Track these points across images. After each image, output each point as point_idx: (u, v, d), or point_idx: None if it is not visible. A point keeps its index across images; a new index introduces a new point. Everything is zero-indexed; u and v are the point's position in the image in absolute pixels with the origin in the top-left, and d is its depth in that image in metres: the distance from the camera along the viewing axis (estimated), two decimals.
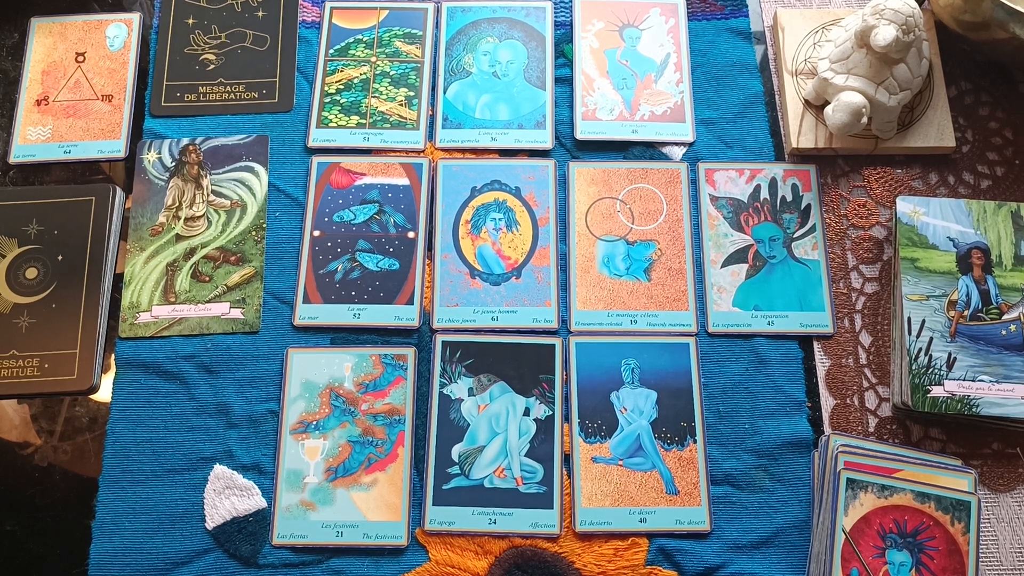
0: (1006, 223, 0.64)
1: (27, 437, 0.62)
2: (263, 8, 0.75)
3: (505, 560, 0.58)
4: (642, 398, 0.62)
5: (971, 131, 0.70)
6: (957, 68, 0.72)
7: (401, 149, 0.70)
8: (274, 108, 0.71)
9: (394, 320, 0.64)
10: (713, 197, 0.68)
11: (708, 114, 0.71)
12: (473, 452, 0.61)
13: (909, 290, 0.62)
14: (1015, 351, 0.60)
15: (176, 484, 0.60)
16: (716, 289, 0.65)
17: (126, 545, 0.59)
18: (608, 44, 0.74)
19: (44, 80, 0.72)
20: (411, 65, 0.73)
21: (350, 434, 0.61)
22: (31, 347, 0.63)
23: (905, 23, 0.62)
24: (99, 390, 0.63)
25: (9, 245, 0.67)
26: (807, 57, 0.71)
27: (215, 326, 0.64)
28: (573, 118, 0.71)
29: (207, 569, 0.58)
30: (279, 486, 0.60)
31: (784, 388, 0.63)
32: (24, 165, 0.70)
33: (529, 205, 0.68)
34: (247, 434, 0.62)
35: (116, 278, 0.66)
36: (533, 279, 0.66)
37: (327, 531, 0.59)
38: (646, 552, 0.59)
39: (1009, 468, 0.61)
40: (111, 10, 0.76)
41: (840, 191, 0.68)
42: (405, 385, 0.63)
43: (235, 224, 0.68)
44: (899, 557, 0.56)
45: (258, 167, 0.69)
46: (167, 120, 0.71)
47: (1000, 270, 0.63)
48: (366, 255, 0.67)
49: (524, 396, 0.62)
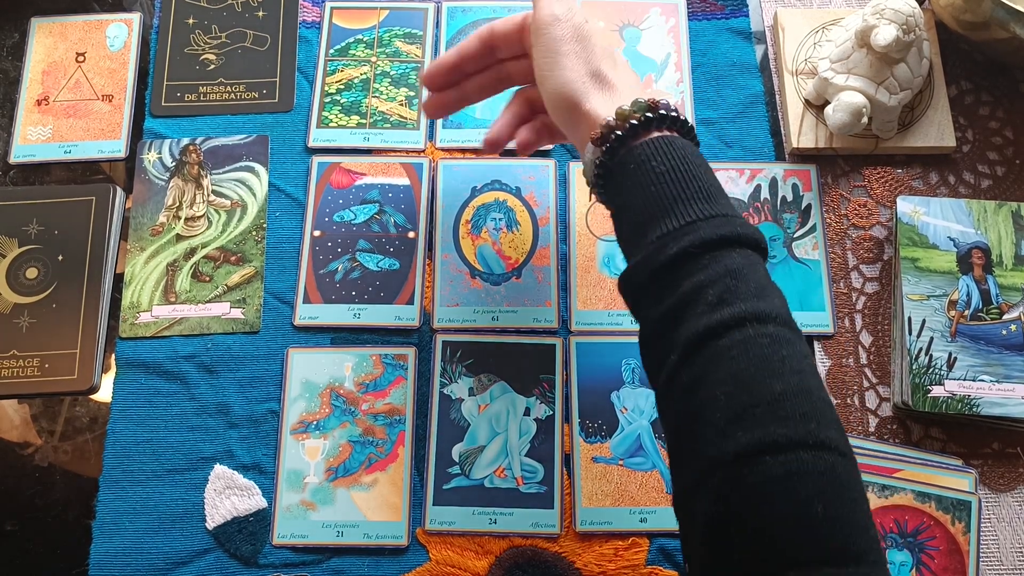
0: (1006, 223, 0.64)
1: (27, 437, 0.62)
2: (263, 8, 0.75)
3: (505, 560, 0.58)
4: (643, 398, 0.62)
5: (971, 131, 0.70)
6: (957, 68, 0.72)
7: (401, 149, 0.70)
8: (274, 108, 0.71)
9: (394, 320, 0.64)
10: None
11: (708, 114, 0.71)
12: (473, 452, 0.61)
13: (909, 290, 0.62)
14: (1015, 351, 0.60)
15: (176, 484, 0.60)
16: None
17: (126, 545, 0.59)
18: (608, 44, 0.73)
19: (44, 80, 0.72)
20: (411, 65, 0.73)
21: (350, 434, 0.61)
22: (31, 347, 0.63)
23: (905, 23, 0.62)
24: (99, 390, 0.63)
25: (9, 245, 0.67)
26: (807, 57, 0.71)
27: (215, 326, 0.64)
28: None
29: (207, 569, 0.58)
30: (279, 486, 0.60)
31: None
32: (24, 165, 0.70)
33: (529, 205, 0.68)
34: (247, 434, 0.62)
35: (116, 278, 0.66)
36: (533, 279, 0.66)
37: (327, 531, 0.59)
38: (646, 552, 0.59)
39: (1009, 468, 0.61)
40: (111, 10, 0.76)
41: (840, 191, 0.68)
42: (405, 385, 0.63)
43: (235, 224, 0.68)
44: (899, 557, 0.56)
45: (258, 167, 0.69)
46: (167, 120, 0.71)
47: (1000, 270, 0.63)
48: (366, 255, 0.67)
49: (524, 396, 0.62)
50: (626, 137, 0.45)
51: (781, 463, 0.36)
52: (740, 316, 0.40)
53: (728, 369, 0.39)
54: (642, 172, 0.44)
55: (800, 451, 0.36)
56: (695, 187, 0.43)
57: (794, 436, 0.37)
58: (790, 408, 0.37)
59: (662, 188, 0.44)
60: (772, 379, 0.38)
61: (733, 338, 0.39)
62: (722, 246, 0.42)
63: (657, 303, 0.43)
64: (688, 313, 0.41)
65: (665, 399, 0.43)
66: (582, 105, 0.48)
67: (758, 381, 0.38)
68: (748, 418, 0.37)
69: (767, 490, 0.36)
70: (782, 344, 0.40)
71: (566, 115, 0.50)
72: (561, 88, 0.49)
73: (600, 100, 0.48)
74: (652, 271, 0.43)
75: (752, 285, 0.41)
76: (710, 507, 0.37)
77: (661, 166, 0.44)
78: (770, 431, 0.37)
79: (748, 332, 0.39)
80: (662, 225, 0.43)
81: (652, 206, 0.44)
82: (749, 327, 0.39)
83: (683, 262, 0.42)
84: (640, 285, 0.44)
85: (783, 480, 0.36)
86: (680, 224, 0.42)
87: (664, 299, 0.42)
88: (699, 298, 0.41)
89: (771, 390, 0.38)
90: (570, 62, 0.49)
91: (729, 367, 0.39)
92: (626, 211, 0.46)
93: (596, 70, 0.49)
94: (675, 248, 0.42)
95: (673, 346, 0.41)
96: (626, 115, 0.46)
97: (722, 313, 0.40)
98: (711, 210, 0.43)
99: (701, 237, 0.42)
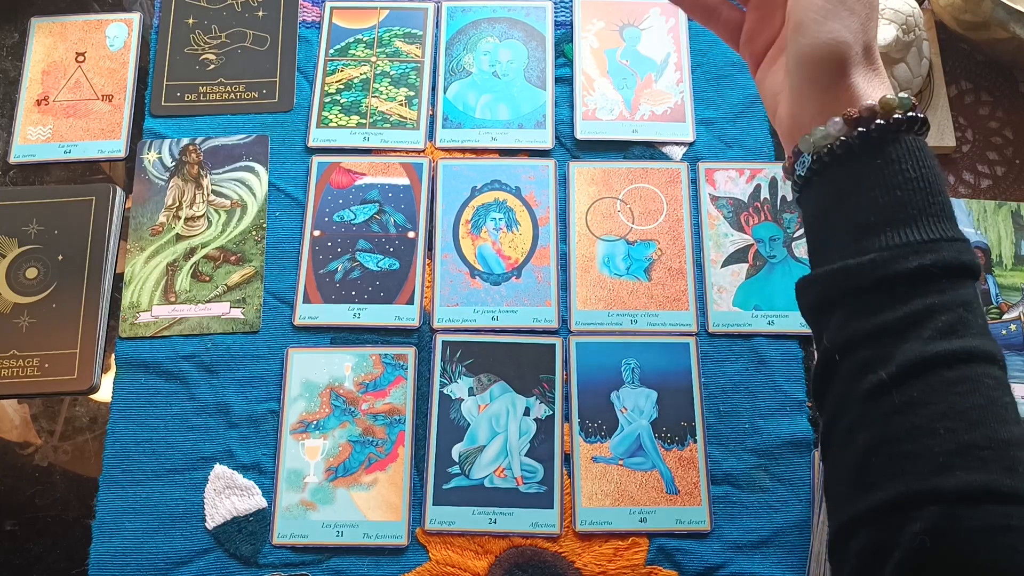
0: (1006, 223, 0.64)
1: (27, 437, 0.62)
2: (263, 8, 0.75)
3: (505, 560, 0.58)
4: (642, 398, 0.62)
5: (971, 131, 0.70)
6: (957, 68, 0.72)
7: (401, 149, 0.70)
8: (274, 108, 0.71)
9: (394, 320, 0.64)
10: (713, 197, 0.68)
11: (708, 114, 0.71)
12: (473, 452, 0.61)
13: None
14: (1015, 351, 0.60)
15: (176, 484, 0.60)
16: (716, 289, 0.65)
17: (126, 545, 0.59)
18: (608, 44, 0.74)
19: (44, 80, 0.72)
20: (411, 65, 0.73)
21: (350, 434, 0.61)
22: (31, 347, 0.63)
23: (905, 23, 0.62)
24: (99, 390, 0.63)
25: (9, 245, 0.67)
26: None
27: (215, 326, 0.64)
28: (573, 118, 0.71)
29: (207, 569, 0.58)
30: (279, 486, 0.60)
31: (784, 388, 0.63)
32: (24, 165, 0.70)
33: (529, 205, 0.68)
34: (247, 434, 0.62)
35: (116, 278, 0.66)
36: (533, 279, 0.66)
37: (327, 531, 0.59)
38: (646, 552, 0.59)
39: None
40: (111, 10, 0.76)
41: None
42: (405, 385, 0.63)
43: (235, 224, 0.68)
44: None
45: (258, 167, 0.69)
46: (167, 120, 0.71)
47: (1000, 270, 0.63)
48: (366, 255, 0.67)
49: (524, 396, 0.62)
50: (886, 129, 0.42)
51: (1003, 515, 0.35)
52: (971, 351, 0.38)
53: (952, 403, 0.37)
54: (890, 172, 0.41)
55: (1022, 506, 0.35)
56: (940, 202, 0.41)
57: (1019, 489, 0.35)
58: (1018, 458, 0.36)
59: (909, 195, 0.41)
60: (998, 424, 0.37)
61: (961, 372, 0.38)
62: (962, 274, 0.40)
63: (875, 312, 0.40)
64: (913, 333, 0.39)
65: (858, 413, 0.40)
66: (848, 74, 0.42)
67: (984, 423, 0.37)
68: (973, 459, 0.36)
69: (986, 539, 0.35)
70: (1006, 390, 0.38)
71: (821, 74, 0.43)
72: (833, 43, 0.42)
73: (866, 78, 0.43)
74: (881, 278, 0.40)
75: (981, 321, 0.40)
76: (912, 539, 0.36)
77: (913, 171, 0.41)
78: (994, 478, 0.35)
79: (977, 370, 0.38)
80: (903, 233, 0.40)
81: (894, 210, 0.41)
82: (978, 365, 0.38)
83: (921, 279, 0.40)
84: (857, 288, 0.41)
85: (1003, 533, 0.35)
86: (925, 239, 0.40)
87: (885, 310, 0.40)
88: (929, 321, 0.39)
89: (998, 435, 0.36)
90: (852, 20, 0.42)
91: (953, 401, 0.37)
92: (849, 204, 0.42)
93: (869, 44, 0.43)
94: (916, 262, 0.39)
95: (885, 361, 0.39)
96: (892, 106, 0.41)
97: (953, 343, 0.38)
98: (954, 232, 0.41)
99: (944, 259, 0.40)
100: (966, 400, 0.37)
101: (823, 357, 0.42)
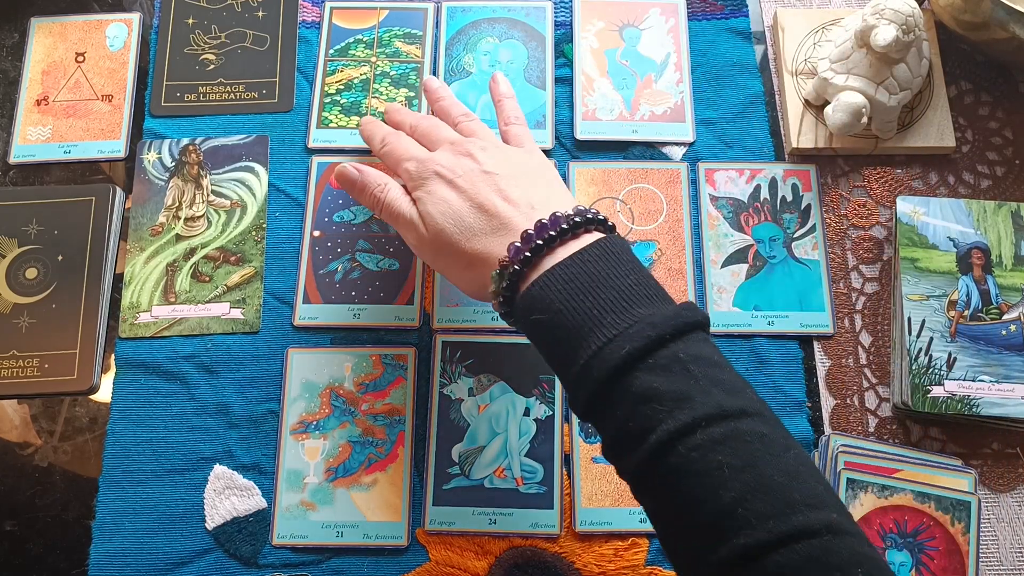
0: (1006, 223, 0.64)
1: (27, 437, 0.62)
2: (263, 8, 0.75)
3: (505, 560, 0.58)
4: None
5: (971, 131, 0.70)
6: (957, 68, 0.72)
7: None
8: (274, 108, 0.71)
9: (394, 320, 0.64)
10: (713, 197, 0.68)
11: (708, 114, 0.71)
12: (473, 452, 0.61)
13: (909, 290, 0.62)
14: (1015, 351, 0.60)
15: (176, 484, 0.60)
16: (716, 289, 0.65)
17: (126, 545, 0.59)
18: (608, 44, 0.74)
19: (44, 80, 0.72)
20: (411, 65, 0.73)
21: (350, 434, 0.61)
22: (31, 347, 0.63)
23: (905, 23, 0.62)
24: (99, 390, 0.63)
25: (9, 245, 0.67)
26: (807, 57, 0.71)
27: (215, 326, 0.64)
28: (573, 118, 0.71)
29: (207, 569, 0.58)
30: (279, 486, 0.60)
31: (784, 388, 0.63)
32: (24, 165, 0.70)
33: None
34: (247, 434, 0.62)
35: (116, 278, 0.66)
36: None
37: (327, 531, 0.59)
38: (646, 552, 0.59)
39: (1009, 468, 0.61)
40: (111, 10, 0.76)
41: (840, 191, 0.69)
42: (405, 385, 0.63)
43: (235, 224, 0.68)
44: (899, 557, 0.56)
45: (258, 167, 0.69)
46: (167, 120, 0.71)
47: (1000, 270, 0.63)
48: (366, 255, 0.67)
49: (524, 396, 0.62)
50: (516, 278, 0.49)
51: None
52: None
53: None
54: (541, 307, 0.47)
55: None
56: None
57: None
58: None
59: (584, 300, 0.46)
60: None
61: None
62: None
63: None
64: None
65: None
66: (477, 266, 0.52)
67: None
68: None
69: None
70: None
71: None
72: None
73: (495, 242, 0.51)
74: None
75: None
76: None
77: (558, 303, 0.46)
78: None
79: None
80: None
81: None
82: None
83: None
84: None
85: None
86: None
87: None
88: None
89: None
90: (452, 273, 0.54)
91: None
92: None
93: (471, 251, 0.51)
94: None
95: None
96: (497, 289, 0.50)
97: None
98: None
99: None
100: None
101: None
